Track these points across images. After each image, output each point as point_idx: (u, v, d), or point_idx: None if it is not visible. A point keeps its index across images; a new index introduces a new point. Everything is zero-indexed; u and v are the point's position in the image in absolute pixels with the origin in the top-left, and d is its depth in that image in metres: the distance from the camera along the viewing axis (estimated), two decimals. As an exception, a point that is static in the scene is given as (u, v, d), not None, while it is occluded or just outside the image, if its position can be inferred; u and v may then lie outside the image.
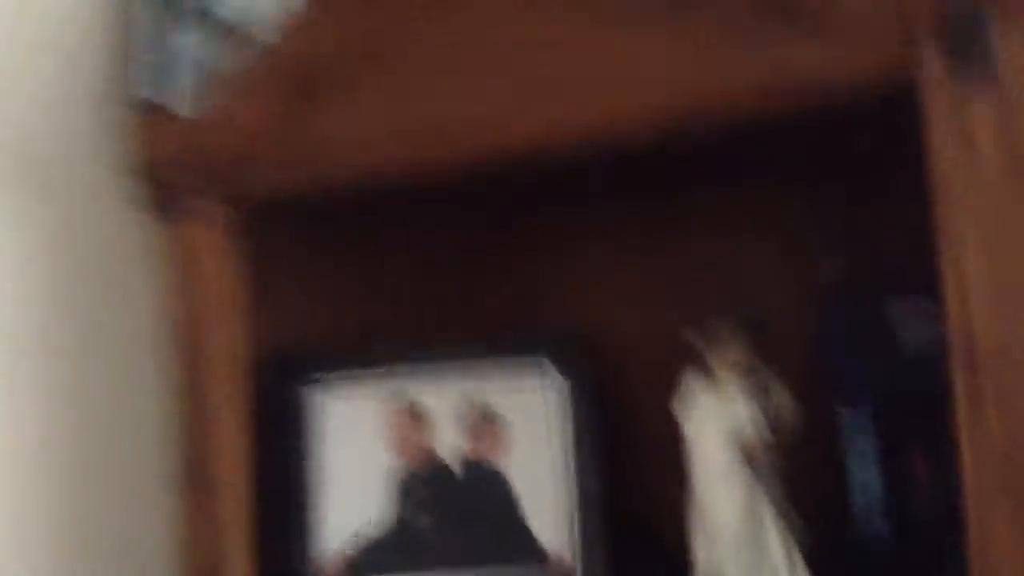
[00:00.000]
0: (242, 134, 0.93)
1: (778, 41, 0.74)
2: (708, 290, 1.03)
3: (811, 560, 0.84)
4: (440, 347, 1.02)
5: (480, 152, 0.87)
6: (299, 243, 1.06)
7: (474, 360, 1.01)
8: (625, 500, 1.00)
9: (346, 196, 0.96)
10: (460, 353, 1.02)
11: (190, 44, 1.10)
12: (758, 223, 1.02)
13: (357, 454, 1.00)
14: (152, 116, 1.02)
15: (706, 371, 0.88)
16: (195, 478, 0.95)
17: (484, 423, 1.00)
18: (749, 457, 0.84)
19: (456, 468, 0.99)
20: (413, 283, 1.12)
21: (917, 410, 0.83)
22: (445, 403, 1.00)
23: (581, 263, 1.10)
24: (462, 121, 0.86)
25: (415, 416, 1.01)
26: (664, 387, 0.94)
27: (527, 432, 0.99)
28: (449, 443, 1.00)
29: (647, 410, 1.01)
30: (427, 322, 1.11)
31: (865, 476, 0.85)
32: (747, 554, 0.84)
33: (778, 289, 0.99)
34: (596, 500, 0.97)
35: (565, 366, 1.00)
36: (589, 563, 0.96)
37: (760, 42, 0.74)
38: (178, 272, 0.96)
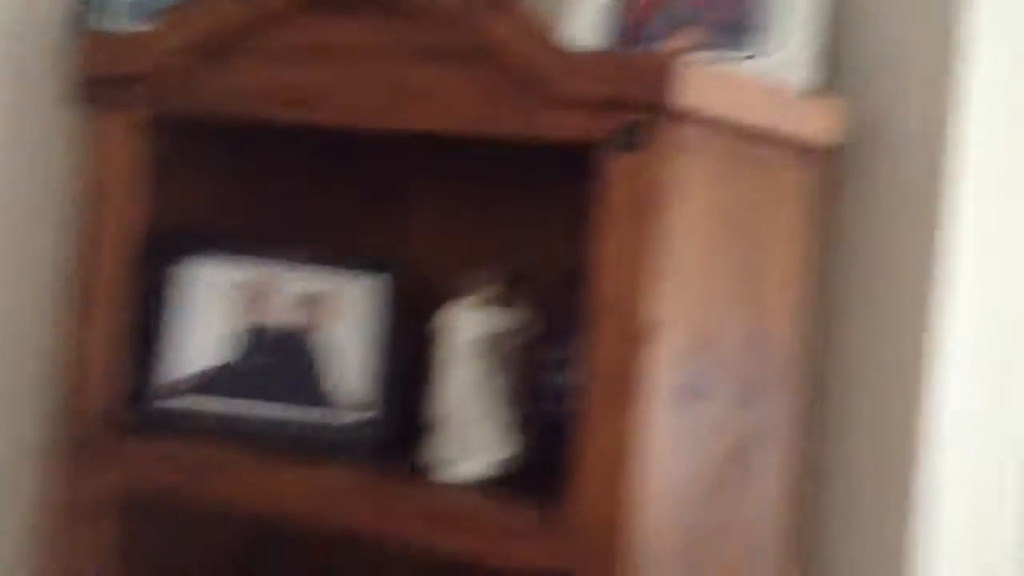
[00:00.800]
0: (159, 63, 1.29)
1: (525, 102, 1.16)
2: (489, 243, 1.47)
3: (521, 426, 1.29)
4: (291, 245, 1.42)
5: (312, 118, 1.25)
6: (192, 152, 1.42)
7: (315, 258, 1.41)
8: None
9: (231, 124, 1.34)
10: (304, 251, 1.41)
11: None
12: (531, 208, 1.46)
13: (210, 311, 1.38)
14: (96, 35, 1.34)
15: (472, 295, 1.30)
16: (81, 308, 1.34)
17: (312, 304, 1.39)
18: (481, 352, 1.28)
19: (284, 332, 1.39)
20: (278, 196, 1.52)
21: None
22: (285, 285, 1.39)
23: (406, 205, 1.53)
24: (304, 95, 1.25)
25: (259, 290, 1.39)
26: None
27: (346, 317, 1.40)
28: (282, 314, 1.39)
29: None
30: (285, 226, 1.52)
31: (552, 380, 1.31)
32: (468, 411, 1.27)
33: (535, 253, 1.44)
34: (387, 375, 1.39)
35: (385, 276, 1.41)
36: (387, 413, 1.38)
37: (510, 99, 1.16)
38: (91, 155, 1.33)
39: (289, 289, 1.40)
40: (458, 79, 1.19)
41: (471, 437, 1.27)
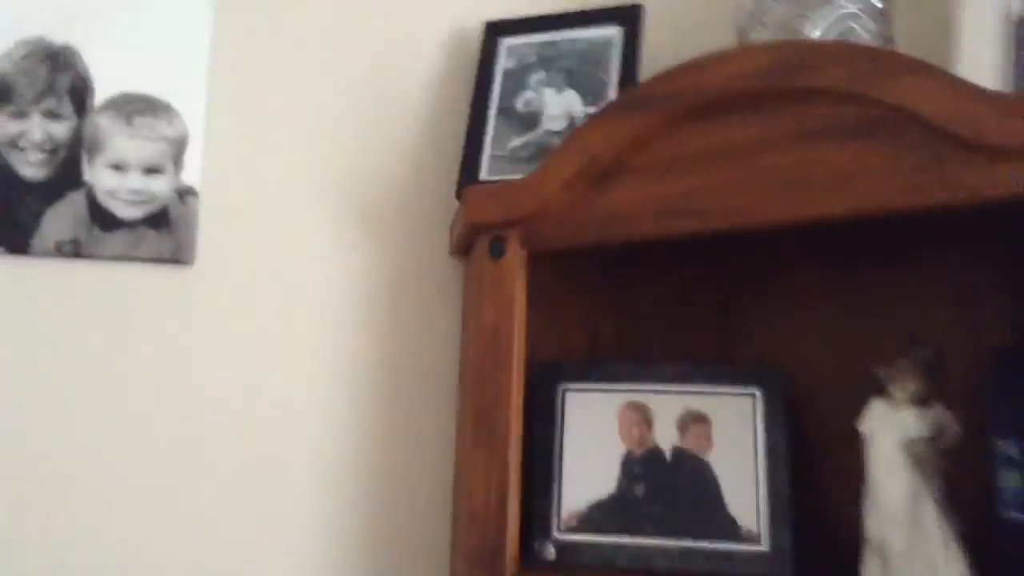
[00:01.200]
0: (537, 201, 1.23)
1: (948, 161, 1.02)
2: (890, 335, 1.30)
3: (963, 539, 1.11)
4: (665, 363, 1.31)
5: (704, 225, 1.15)
6: (563, 279, 1.37)
7: (691, 375, 1.29)
8: (806, 494, 1.28)
9: (608, 248, 1.27)
10: (681, 369, 1.30)
11: (510, 138, 1.42)
12: (936, 288, 1.29)
13: (595, 439, 1.28)
14: (477, 188, 1.30)
15: (885, 395, 1.15)
16: (481, 440, 1.25)
17: (694, 423, 1.27)
18: (915, 458, 1.11)
19: (669, 455, 1.27)
20: (649, 316, 1.42)
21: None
22: (665, 406, 1.28)
23: (785, 309, 1.38)
24: (694, 203, 1.15)
25: (640, 414, 1.29)
26: (841, 408, 1.22)
27: (730, 434, 1.27)
28: (665, 436, 1.28)
29: (827, 424, 1.29)
30: (657, 343, 1.41)
31: (1008, 482, 1.11)
32: (910, 530, 1.11)
33: (952, 338, 1.26)
34: (783, 492, 1.24)
35: (765, 386, 1.27)
36: (776, 540, 1.22)
37: (934, 162, 1.02)
38: (480, 297, 1.26)
39: (670, 409, 1.28)
40: (865, 154, 1.07)
41: (915, 560, 1.09)
